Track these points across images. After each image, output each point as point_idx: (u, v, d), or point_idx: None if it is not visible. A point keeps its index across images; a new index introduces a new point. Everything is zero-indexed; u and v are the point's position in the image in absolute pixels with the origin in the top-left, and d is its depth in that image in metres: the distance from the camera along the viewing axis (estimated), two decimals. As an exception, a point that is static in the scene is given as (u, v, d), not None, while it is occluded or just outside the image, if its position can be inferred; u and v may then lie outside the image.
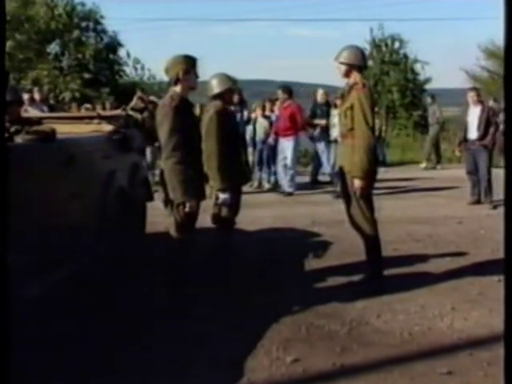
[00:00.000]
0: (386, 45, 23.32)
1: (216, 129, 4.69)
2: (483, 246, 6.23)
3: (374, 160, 4.82)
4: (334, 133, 9.11)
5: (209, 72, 4.94)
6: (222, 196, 4.72)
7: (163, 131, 4.14)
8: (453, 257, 5.79)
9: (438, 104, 14.96)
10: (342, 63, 4.81)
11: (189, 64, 4.29)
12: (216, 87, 4.88)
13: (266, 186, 10.92)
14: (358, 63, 4.80)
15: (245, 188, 10.29)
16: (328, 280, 5.11)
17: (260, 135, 10.86)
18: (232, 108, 11.13)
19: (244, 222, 7.43)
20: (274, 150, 10.70)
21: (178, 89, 4.29)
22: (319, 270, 5.45)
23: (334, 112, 9.08)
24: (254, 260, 5.73)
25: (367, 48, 22.99)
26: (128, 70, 21.13)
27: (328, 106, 10.51)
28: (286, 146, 10.08)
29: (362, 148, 4.60)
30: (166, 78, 4.51)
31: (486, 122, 8.54)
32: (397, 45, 23.28)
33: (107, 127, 5.20)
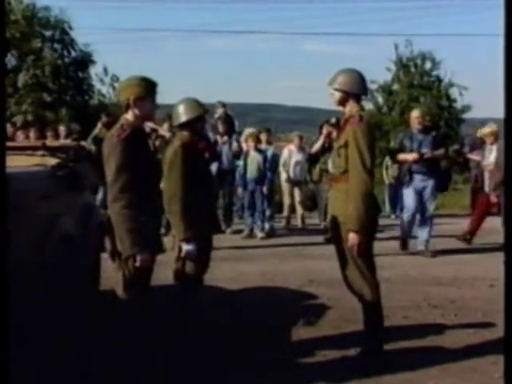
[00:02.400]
0: (416, 65, 23.55)
1: (181, 165, 4.74)
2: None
3: (375, 208, 4.85)
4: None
5: (206, 95, 5.03)
6: (186, 247, 4.73)
7: (110, 169, 4.15)
8: (477, 328, 5.77)
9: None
10: (336, 90, 4.87)
11: (145, 88, 4.31)
12: (183, 115, 4.94)
13: (259, 235, 10.94)
14: (355, 91, 4.85)
15: (234, 238, 10.63)
16: (318, 354, 5.09)
17: (252, 172, 10.92)
18: (220, 139, 11.39)
19: (224, 278, 7.50)
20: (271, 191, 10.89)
21: (129, 117, 4.32)
22: (309, 340, 5.44)
23: None
24: (228, 327, 5.70)
25: (392, 68, 23.28)
26: (105, 89, 21.38)
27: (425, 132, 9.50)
28: None
29: (357, 195, 4.62)
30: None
31: None
32: (428, 65, 23.53)
33: (52, 161, 5.24)
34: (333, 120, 10.59)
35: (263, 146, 11.44)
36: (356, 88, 4.84)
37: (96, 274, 5.94)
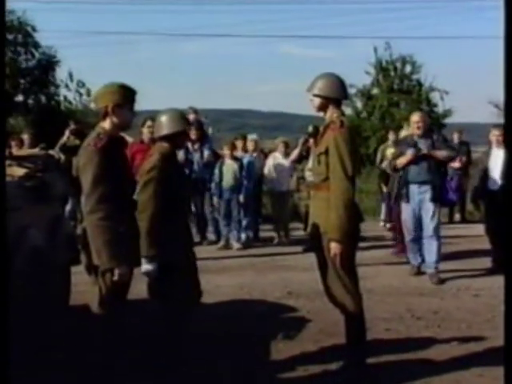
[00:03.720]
0: (395, 68, 23.74)
1: (157, 179, 4.76)
2: (502, 326, 6.23)
3: (357, 217, 4.90)
4: None
5: (175, 99, 5.05)
6: (146, 266, 4.71)
7: (86, 179, 4.15)
8: (461, 340, 5.81)
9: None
10: (315, 96, 4.92)
11: (123, 96, 4.34)
12: (166, 127, 4.98)
13: (236, 245, 10.96)
14: (335, 95, 4.91)
15: (208, 249, 10.63)
16: (299, 368, 5.12)
17: (228, 181, 10.94)
18: (191, 146, 11.39)
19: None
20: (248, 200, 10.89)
21: (106, 125, 4.33)
22: (288, 355, 5.46)
23: None
24: (205, 341, 5.71)
25: (371, 72, 23.45)
26: (71, 95, 21.31)
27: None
28: None
29: (339, 203, 4.66)
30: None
31: None
32: (408, 69, 23.73)
33: (18, 171, 5.24)
34: (310, 129, 10.72)
35: (239, 153, 11.47)
36: (335, 93, 4.89)
37: (66, 288, 5.91)
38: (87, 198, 4.16)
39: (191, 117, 12.54)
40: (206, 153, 11.40)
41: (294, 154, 11.27)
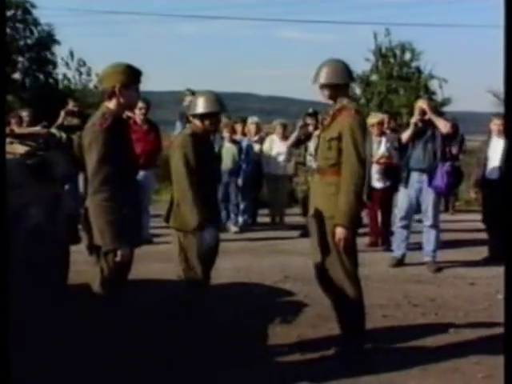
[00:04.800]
0: (395, 55, 23.64)
1: (187, 153, 4.86)
2: (498, 314, 6.27)
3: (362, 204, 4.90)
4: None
5: (171, 81, 5.04)
6: (203, 234, 4.85)
7: (91, 159, 4.14)
8: (458, 328, 5.86)
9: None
10: (324, 86, 4.92)
11: (130, 76, 4.32)
12: (200, 106, 5.01)
13: (233, 229, 10.97)
14: (343, 81, 4.90)
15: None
16: (296, 353, 5.14)
17: (227, 164, 10.91)
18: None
19: (198, 274, 7.51)
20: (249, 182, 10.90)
21: (111, 105, 4.30)
22: (287, 339, 5.48)
23: None
24: (203, 325, 5.72)
25: (371, 58, 23.36)
26: (71, 73, 21.23)
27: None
28: None
29: (350, 189, 4.67)
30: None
31: None
32: (408, 56, 23.64)
33: (20, 149, 5.22)
34: (310, 110, 10.70)
35: (238, 136, 11.44)
36: (343, 78, 4.89)
37: (65, 268, 5.92)
38: (92, 178, 4.14)
39: (188, 99, 12.47)
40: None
41: (292, 138, 11.22)
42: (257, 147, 11.55)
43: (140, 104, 8.38)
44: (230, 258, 8.76)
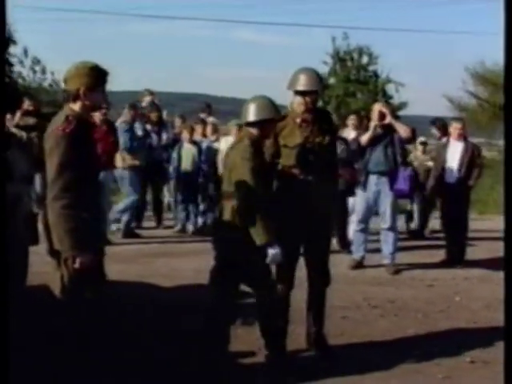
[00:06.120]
0: (352, 59, 23.83)
1: (254, 166, 4.66)
2: (456, 316, 6.37)
3: None
4: None
5: (127, 81, 4.89)
6: (271, 251, 4.65)
7: (52, 164, 4.00)
8: (418, 329, 5.90)
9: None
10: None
11: (96, 78, 4.17)
12: (252, 114, 4.83)
13: (192, 230, 10.91)
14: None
15: (164, 232, 10.56)
16: (259, 354, 5.13)
17: (186, 165, 10.85)
18: (151, 128, 11.29)
19: (157, 275, 7.48)
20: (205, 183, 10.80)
21: (76, 107, 4.16)
22: (247, 340, 5.45)
23: None
24: (163, 325, 5.69)
25: (328, 61, 23.51)
26: (25, 71, 20.86)
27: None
28: None
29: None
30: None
31: (469, 163, 8.74)
32: (365, 59, 23.83)
33: (-20, 148, 5.10)
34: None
35: (198, 137, 11.37)
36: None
37: (24, 269, 5.81)
38: (52, 183, 4.02)
39: (147, 99, 12.40)
40: (165, 136, 11.31)
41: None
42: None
43: None
44: (190, 260, 8.72)
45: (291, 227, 4.90)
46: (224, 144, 11.38)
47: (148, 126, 11.40)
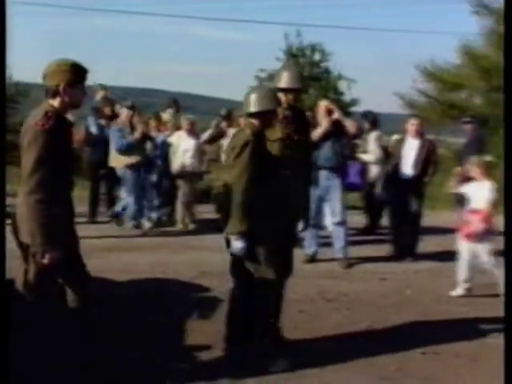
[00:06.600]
0: (305, 55, 23.93)
1: (250, 155, 4.66)
2: (407, 310, 6.45)
3: None
4: None
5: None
6: (236, 243, 4.69)
7: (28, 159, 3.99)
8: (371, 323, 5.96)
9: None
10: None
11: (75, 75, 4.17)
12: (255, 105, 4.82)
13: (147, 225, 10.83)
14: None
15: (119, 227, 10.47)
16: (215, 348, 5.11)
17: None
18: (104, 122, 11.17)
19: (112, 269, 7.41)
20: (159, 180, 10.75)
21: (56, 104, 4.16)
22: (204, 334, 5.45)
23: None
24: (120, 321, 5.64)
25: (282, 58, 23.55)
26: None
27: None
28: None
29: None
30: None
31: (425, 159, 8.81)
32: (317, 56, 23.95)
33: None
34: (223, 112, 10.85)
35: (153, 133, 11.28)
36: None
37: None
38: (28, 177, 4.01)
39: (100, 93, 12.26)
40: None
41: (206, 135, 11.21)
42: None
43: None
44: (146, 254, 8.70)
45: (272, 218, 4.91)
46: (176, 139, 11.30)
47: (102, 121, 11.32)
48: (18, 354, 4.08)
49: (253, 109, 4.82)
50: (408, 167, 8.85)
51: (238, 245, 4.68)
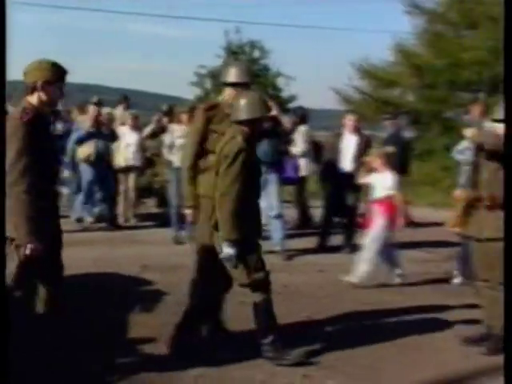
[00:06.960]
0: (244, 53, 23.99)
1: (243, 162, 4.61)
2: (344, 300, 6.56)
3: None
4: None
5: (14, 71, 4.87)
6: (227, 250, 4.66)
7: (10, 150, 4.03)
8: (310, 314, 6.06)
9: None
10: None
11: (54, 74, 4.24)
12: (244, 111, 4.74)
13: (88, 219, 10.74)
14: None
15: (61, 222, 10.32)
16: (159, 340, 5.12)
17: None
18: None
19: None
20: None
21: (33, 100, 4.24)
22: (147, 327, 5.47)
23: None
24: (62, 316, 5.60)
25: (222, 54, 23.57)
26: None
27: None
28: None
29: None
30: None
31: (362, 154, 8.94)
32: (257, 53, 24.04)
33: None
34: (164, 107, 10.87)
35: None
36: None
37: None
38: (10, 168, 4.03)
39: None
40: (59, 126, 11.09)
41: (147, 130, 11.19)
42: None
43: None
44: (87, 249, 8.65)
45: None
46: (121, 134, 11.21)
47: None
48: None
49: (244, 116, 4.74)
50: (346, 162, 8.99)
51: (229, 251, 4.67)
